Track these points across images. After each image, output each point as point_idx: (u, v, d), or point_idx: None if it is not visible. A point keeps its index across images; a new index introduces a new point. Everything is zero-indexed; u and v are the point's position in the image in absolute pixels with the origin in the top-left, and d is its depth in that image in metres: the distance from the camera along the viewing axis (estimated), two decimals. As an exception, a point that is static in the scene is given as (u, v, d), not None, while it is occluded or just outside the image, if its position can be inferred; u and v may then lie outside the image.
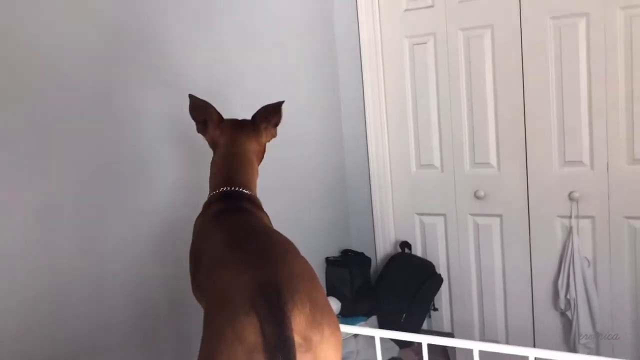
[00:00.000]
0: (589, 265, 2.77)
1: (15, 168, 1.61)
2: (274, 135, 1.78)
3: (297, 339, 1.08)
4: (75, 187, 1.78)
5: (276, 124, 1.76)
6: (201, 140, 1.79)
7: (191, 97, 1.74)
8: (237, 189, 1.61)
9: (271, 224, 1.63)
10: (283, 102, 1.75)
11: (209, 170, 1.71)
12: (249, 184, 1.66)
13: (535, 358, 1.46)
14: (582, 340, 2.77)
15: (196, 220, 1.63)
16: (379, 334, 1.66)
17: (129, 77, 1.95)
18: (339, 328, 1.18)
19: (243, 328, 1.07)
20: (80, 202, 1.79)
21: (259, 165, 1.76)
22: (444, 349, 2.99)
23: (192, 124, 1.76)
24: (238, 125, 1.74)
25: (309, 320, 1.11)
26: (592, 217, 2.75)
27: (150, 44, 2.04)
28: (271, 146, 1.82)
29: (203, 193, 1.69)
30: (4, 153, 1.59)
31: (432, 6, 2.99)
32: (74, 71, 1.78)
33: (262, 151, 1.78)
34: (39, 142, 1.68)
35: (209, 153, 1.76)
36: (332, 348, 1.14)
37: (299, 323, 1.09)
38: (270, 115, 1.73)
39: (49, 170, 1.70)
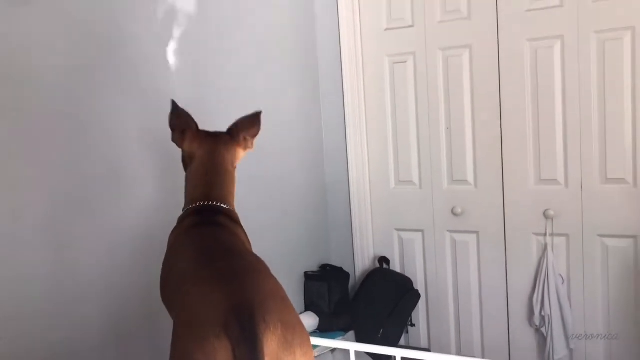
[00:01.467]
0: (563, 282, 2.82)
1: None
2: (252, 147, 1.75)
3: None
4: (46, 195, 1.75)
5: (254, 135, 1.73)
6: (177, 150, 1.77)
7: (174, 103, 1.70)
8: (214, 203, 1.58)
9: (248, 239, 1.61)
10: (261, 112, 1.73)
11: (184, 181, 1.68)
12: (227, 197, 1.63)
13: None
14: (557, 356, 2.81)
15: (170, 234, 1.60)
16: (354, 347, 1.68)
17: (104, 84, 1.93)
18: (311, 348, 1.17)
19: (214, 350, 1.05)
20: (52, 210, 1.76)
21: None
22: (421, 364, 3.01)
23: (168, 133, 1.73)
24: (216, 137, 1.70)
25: (281, 342, 1.09)
26: (566, 235, 2.80)
27: (126, 51, 2.02)
28: (253, 161, 1.81)
29: (179, 202, 1.66)
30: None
31: (412, 26, 3.04)
32: (45, 77, 1.75)
33: (237, 161, 1.74)
34: (8, 150, 1.65)
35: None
36: None
37: (271, 346, 1.08)
38: (249, 126, 1.71)
39: (18, 177, 1.67)
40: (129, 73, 2.03)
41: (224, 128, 1.78)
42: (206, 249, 1.39)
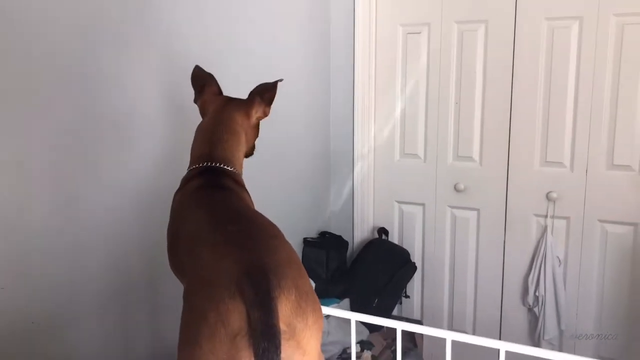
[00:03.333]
0: (559, 265, 2.84)
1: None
2: (266, 113, 1.72)
3: (281, 326, 1.06)
4: (51, 147, 1.70)
5: (269, 101, 1.71)
6: (189, 106, 1.74)
7: (197, 67, 1.73)
8: (219, 165, 1.55)
9: (252, 204, 1.59)
10: (281, 80, 1.71)
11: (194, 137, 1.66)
12: (233, 158, 1.60)
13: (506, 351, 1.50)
14: (547, 336, 2.85)
15: (174, 196, 1.57)
16: (355, 317, 1.69)
17: (116, 32, 1.87)
18: (322, 316, 1.17)
19: (228, 311, 1.04)
20: (57, 162, 1.72)
21: (251, 143, 1.73)
22: (412, 335, 3.05)
23: (181, 88, 1.70)
24: (232, 98, 1.71)
25: (294, 308, 1.09)
26: (567, 218, 2.81)
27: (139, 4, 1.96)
28: (261, 126, 1.79)
29: (186, 160, 1.63)
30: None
31: (429, -4, 2.99)
32: (54, 22, 1.68)
33: (253, 128, 1.72)
34: (13, 100, 1.58)
35: (196, 119, 1.70)
36: (315, 335, 1.13)
37: (284, 310, 1.07)
38: (264, 90, 1.69)
39: (23, 128, 1.61)
40: (144, 21, 1.97)
41: (231, 90, 1.76)
42: (217, 212, 1.37)
